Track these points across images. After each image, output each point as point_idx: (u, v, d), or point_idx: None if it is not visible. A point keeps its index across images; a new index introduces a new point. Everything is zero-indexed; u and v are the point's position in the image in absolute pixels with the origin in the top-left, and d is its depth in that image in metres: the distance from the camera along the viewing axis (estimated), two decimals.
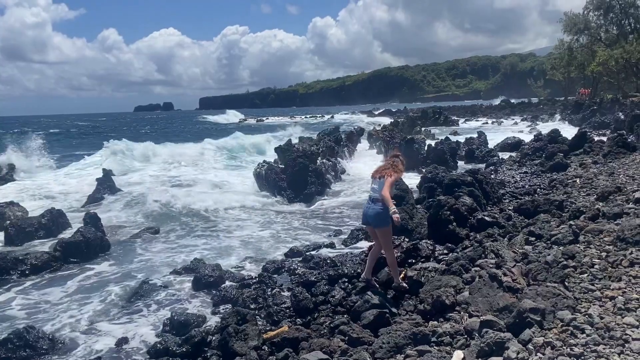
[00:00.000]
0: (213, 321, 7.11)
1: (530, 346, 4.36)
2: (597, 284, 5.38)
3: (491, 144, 26.14)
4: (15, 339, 6.43)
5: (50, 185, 20.45)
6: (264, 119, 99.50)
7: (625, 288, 5.12)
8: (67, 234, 11.88)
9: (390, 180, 6.65)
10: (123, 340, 6.73)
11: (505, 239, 8.22)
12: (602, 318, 4.59)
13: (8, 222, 13.07)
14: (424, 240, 8.68)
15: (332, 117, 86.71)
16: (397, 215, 6.44)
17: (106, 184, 17.60)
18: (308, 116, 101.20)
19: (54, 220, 12.84)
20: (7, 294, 8.88)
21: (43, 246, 11.44)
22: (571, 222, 8.02)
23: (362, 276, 7.05)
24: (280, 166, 18.53)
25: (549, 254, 6.39)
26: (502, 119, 57.10)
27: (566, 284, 5.46)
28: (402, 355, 5.01)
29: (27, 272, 9.61)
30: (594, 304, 4.92)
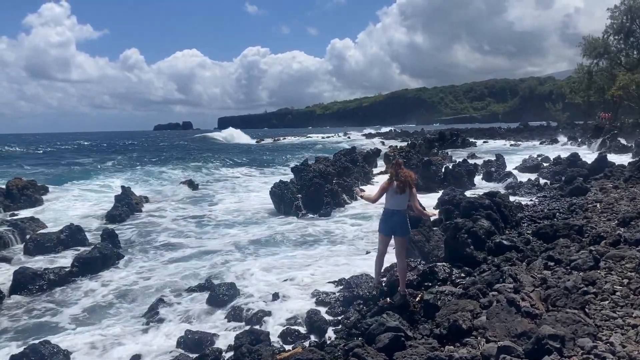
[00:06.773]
0: (227, 340, 7.07)
1: None
2: (618, 311, 5.26)
3: (509, 167, 25.90)
4: (31, 353, 6.47)
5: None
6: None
7: None
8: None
9: (415, 192, 7.32)
10: (136, 358, 6.72)
11: (524, 263, 8.09)
12: (624, 347, 4.48)
13: (28, 236, 13.30)
14: (440, 263, 8.58)
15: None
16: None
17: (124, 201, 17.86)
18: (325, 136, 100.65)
19: (73, 236, 13.01)
20: (24, 308, 8.98)
21: (61, 261, 11.55)
22: (591, 247, 7.87)
23: (374, 282, 7.19)
24: (297, 186, 18.60)
25: (568, 280, 6.28)
26: (520, 142, 56.76)
27: (587, 310, 5.35)
28: None
29: (44, 287, 9.72)
30: (615, 332, 4.81)
